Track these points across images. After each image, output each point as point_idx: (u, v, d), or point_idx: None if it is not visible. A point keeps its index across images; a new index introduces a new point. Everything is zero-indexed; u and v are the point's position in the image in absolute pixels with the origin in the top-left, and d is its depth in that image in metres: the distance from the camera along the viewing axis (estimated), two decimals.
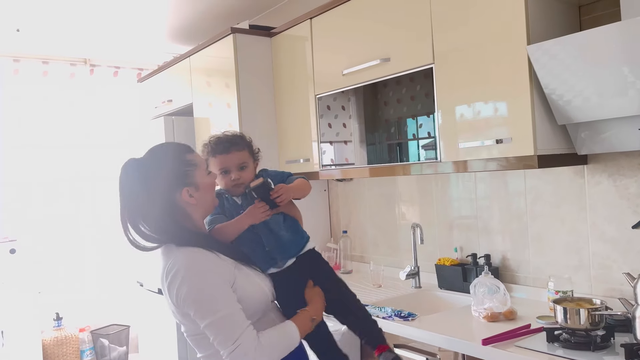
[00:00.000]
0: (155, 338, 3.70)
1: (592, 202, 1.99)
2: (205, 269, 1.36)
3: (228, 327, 1.33)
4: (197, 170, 1.47)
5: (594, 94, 1.66)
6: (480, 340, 1.66)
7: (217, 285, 1.36)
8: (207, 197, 1.49)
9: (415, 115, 2.56)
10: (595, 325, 1.55)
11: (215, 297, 1.34)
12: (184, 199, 1.43)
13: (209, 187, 1.50)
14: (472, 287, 1.97)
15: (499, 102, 1.87)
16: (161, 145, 1.54)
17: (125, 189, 1.43)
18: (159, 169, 1.44)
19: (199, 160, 1.50)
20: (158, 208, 1.41)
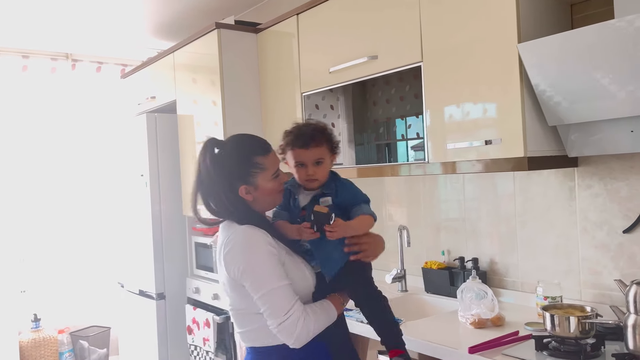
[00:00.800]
0: (136, 340, 3.61)
1: (583, 206, 1.94)
2: (260, 244, 1.45)
3: (281, 298, 1.42)
4: (263, 174, 1.52)
5: (585, 94, 1.61)
6: (466, 348, 1.60)
7: (271, 261, 1.44)
8: (265, 199, 1.55)
9: (404, 115, 2.53)
10: (586, 334, 1.50)
11: (270, 271, 1.43)
12: (242, 195, 1.50)
13: (270, 191, 1.54)
14: (460, 292, 1.91)
15: (489, 102, 1.81)
16: (242, 137, 1.59)
17: (202, 165, 1.51)
18: (229, 160, 1.51)
19: (268, 164, 1.53)
20: (223, 191, 1.49)
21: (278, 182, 1.57)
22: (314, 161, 1.58)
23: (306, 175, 1.59)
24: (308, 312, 1.45)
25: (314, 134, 1.60)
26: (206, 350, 2.99)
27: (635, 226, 1.80)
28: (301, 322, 1.42)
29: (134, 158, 3.45)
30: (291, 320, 1.41)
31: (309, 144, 1.58)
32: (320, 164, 1.60)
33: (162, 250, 3.29)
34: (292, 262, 1.52)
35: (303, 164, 1.58)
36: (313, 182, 1.60)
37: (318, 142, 1.60)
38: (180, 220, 3.33)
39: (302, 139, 1.59)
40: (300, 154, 1.58)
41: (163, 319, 3.29)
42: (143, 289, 3.41)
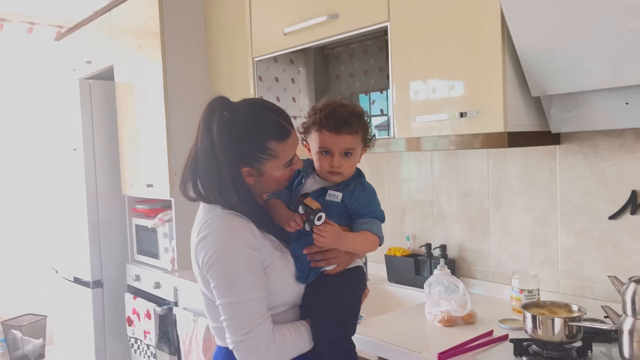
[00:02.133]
0: (71, 330, 3.28)
1: (564, 188, 1.74)
2: (241, 241, 1.19)
3: (245, 314, 1.18)
4: (273, 161, 1.24)
5: (576, 59, 1.38)
6: (434, 353, 1.38)
7: (248, 265, 1.19)
8: (268, 185, 1.29)
9: (367, 91, 2.36)
10: (572, 337, 1.30)
11: (242, 277, 1.18)
12: (243, 175, 1.24)
13: (276, 179, 1.28)
14: (427, 286, 1.69)
15: (465, 69, 1.56)
16: (261, 107, 1.27)
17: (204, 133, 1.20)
18: (240, 131, 1.21)
19: (283, 153, 1.24)
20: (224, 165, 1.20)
21: (289, 170, 1.29)
22: (343, 150, 1.30)
23: (330, 165, 1.30)
24: (275, 337, 1.20)
25: (350, 117, 1.31)
26: (147, 344, 2.71)
27: (623, 212, 1.60)
28: (262, 349, 1.17)
29: (66, 130, 3.07)
30: (250, 344, 1.17)
31: (341, 128, 1.29)
32: (350, 155, 1.32)
33: (98, 234, 2.96)
34: (282, 262, 1.25)
35: (329, 151, 1.31)
36: (336, 176, 1.32)
37: (353, 129, 1.31)
38: (119, 201, 3.00)
39: (334, 120, 1.29)
40: (329, 139, 1.30)
41: (100, 309, 2.98)
42: (78, 275, 3.08)
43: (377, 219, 1.33)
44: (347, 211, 1.31)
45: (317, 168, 1.34)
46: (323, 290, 1.27)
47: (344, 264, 1.30)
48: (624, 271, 1.58)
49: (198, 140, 1.22)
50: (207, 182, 1.22)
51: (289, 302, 1.28)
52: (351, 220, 1.31)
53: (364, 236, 1.29)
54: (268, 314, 1.20)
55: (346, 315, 1.29)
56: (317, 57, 2.50)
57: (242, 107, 1.24)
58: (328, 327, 1.25)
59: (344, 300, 1.29)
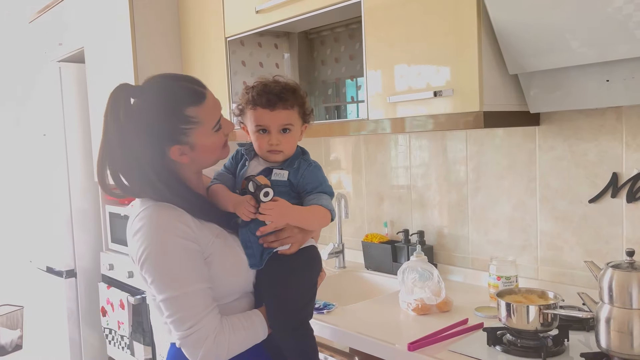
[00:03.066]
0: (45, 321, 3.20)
1: (544, 172, 1.67)
2: (173, 232, 1.11)
3: (188, 307, 1.10)
4: (199, 129, 1.16)
5: (555, 32, 1.31)
6: (406, 344, 1.31)
7: (184, 256, 1.11)
8: (205, 158, 1.21)
9: (354, 76, 2.29)
10: (548, 326, 1.24)
11: (179, 270, 1.10)
12: (174, 157, 1.16)
13: (211, 148, 1.20)
14: (401, 273, 1.62)
15: (439, 45, 1.48)
16: (164, 80, 1.18)
17: (111, 124, 1.12)
18: (150, 113, 1.13)
19: (205, 116, 1.16)
20: (142, 157, 1.13)
21: (221, 134, 1.21)
22: (280, 127, 1.23)
23: (269, 144, 1.24)
24: (224, 328, 1.12)
25: (283, 92, 1.24)
26: (121, 335, 2.64)
27: (603, 195, 1.54)
28: (209, 342, 1.10)
29: (36, 115, 2.97)
30: (196, 338, 1.09)
31: (275, 103, 1.22)
32: (288, 132, 1.25)
33: (70, 222, 2.86)
34: (225, 249, 1.18)
35: (265, 129, 1.24)
36: (276, 154, 1.25)
37: (288, 104, 1.24)
38: (93, 188, 2.90)
39: (267, 97, 1.22)
40: (263, 116, 1.23)
41: (74, 299, 2.90)
42: (51, 265, 2.99)
43: (326, 193, 1.27)
44: (295, 189, 1.24)
45: (257, 148, 1.27)
46: (277, 273, 1.21)
47: (297, 242, 1.23)
48: (604, 256, 1.52)
49: (109, 136, 1.13)
50: (129, 176, 1.15)
51: (238, 290, 1.20)
52: (300, 199, 1.25)
53: (313, 210, 1.22)
54: (213, 304, 1.13)
55: (303, 299, 1.22)
56: (301, 41, 2.42)
57: (147, 87, 1.17)
58: (284, 312, 1.19)
59: (299, 282, 1.23)
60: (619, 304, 1.12)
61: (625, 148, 1.49)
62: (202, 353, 1.10)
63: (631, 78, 1.31)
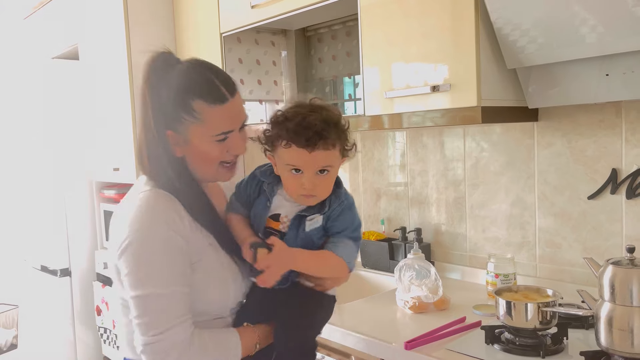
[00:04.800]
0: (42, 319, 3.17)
1: (542, 168, 1.65)
2: (164, 221, 1.01)
3: (160, 310, 0.98)
4: (197, 126, 1.03)
5: (553, 27, 1.29)
6: (402, 343, 1.29)
7: (173, 252, 1.00)
8: (197, 162, 1.08)
9: (351, 73, 2.28)
10: (546, 324, 1.22)
11: (162, 265, 0.99)
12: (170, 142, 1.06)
13: (204, 155, 1.06)
14: (397, 271, 1.60)
15: (437, 40, 1.46)
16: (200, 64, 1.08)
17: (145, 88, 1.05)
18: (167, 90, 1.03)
19: (210, 119, 1.03)
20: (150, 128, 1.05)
21: (222, 149, 1.06)
22: (317, 169, 1.04)
23: (302, 187, 1.05)
24: (193, 344, 1.00)
25: (325, 128, 1.03)
26: (116, 334, 2.61)
27: (602, 191, 1.52)
28: (175, 354, 0.97)
29: (30, 113, 2.94)
30: (159, 347, 0.97)
31: (315, 143, 1.02)
32: (326, 173, 1.05)
33: (65, 220, 2.83)
34: (214, 263, 1.06)
35: (299, 169, 1.05)
36: (309, 199, 1.07)
37: (329, 142, 1.03)
38: (87, 186, 2.87)
39: (306, 135, 1.02)
40: (300, 157, 1.03)
41: (69, 298, 2.87)
42: (45, 264, 2.96)
43: (351, 239, 1.10)
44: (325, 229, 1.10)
45: (286, 188, 1.09)
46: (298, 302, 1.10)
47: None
48: (603, 253, 1.50)
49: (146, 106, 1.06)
50: (149, 153, 1.07)
51: (213, 310, 1.08)
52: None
53: (323, 257, 1.07)
54: (188, 315, 1.01)
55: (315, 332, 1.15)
56: (298, 39, 2.41)
57: (182, 64, 1.07)
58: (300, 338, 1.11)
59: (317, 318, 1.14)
60: (619, 302, 1.10)
61: (625, 143, 1.47)
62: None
63: (631, 72, 1.29)
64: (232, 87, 1.07)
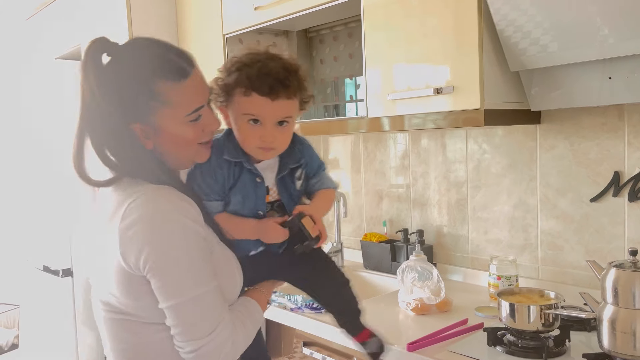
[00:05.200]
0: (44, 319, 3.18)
1: (545, 170, 1.65)
2: (185, 215, 0.91)
3: (206, 310, 0.92)
4: (166, 110, 0.93)
5: (557, 29, 1.29)
6: (405, 344, 1.30)
7: (200, 246, 0.92)
8: (172, 150, 0.97)
9: (352, 75, 2.27)
10: (549, 326, 1.22)
11: (195, 267, 0.91)
12: (140, 137, 0.95)
13: (179, 139, 0.96)
14: (400, 272, 1.61)
15: (440, 42, 1.47)
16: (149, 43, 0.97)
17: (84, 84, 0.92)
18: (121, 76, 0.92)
19: (178, 98, 0.94)
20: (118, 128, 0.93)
21: (197, 128, 0.98)
22: (277, 119, 1.01)
23: (261, 139, 1.01)
24: (236, 326, 0.97)
25: (287, 77, 1.00)
26: None
27: (605, 194, 1.52)
28: (229, 345, 0.94)
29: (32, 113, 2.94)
30: (217, 344, 0.92)
31: (278, 91, 0.98)
32: (285, 125, 1.03)
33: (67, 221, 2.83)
34: (222, 254, 1.02)
35: (258, 120, 1.01)
36: (268, 152, 1.04)
37: (291, 92, 1.01)
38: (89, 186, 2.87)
39: (268, 82, 0.98)
40: (261, 106, 0.99)
41: (70, 298, 2.87)
42: (47, 264, 2.96)
43: (324, 170, 1.18)
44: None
45: (242, 141, 1.04)
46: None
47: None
48: (605, 256, 1.50)
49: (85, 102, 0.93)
50: (116, 151, 0.94)
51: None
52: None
53: (327, 196, 1.16)
54: (226, 305, 0.98)
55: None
56: (300, 40, 2.41)
57: (125, 46, 0.96)
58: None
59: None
60: (622, 304, 1.10)
61: (627, 146, 1.48)
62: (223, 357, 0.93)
63: (634, 75, 1.30)
64: (190, 59, 0.98)
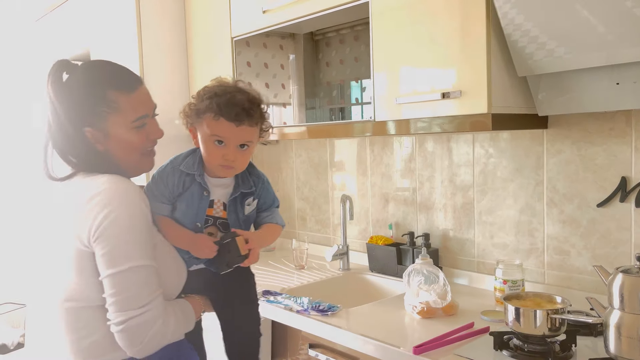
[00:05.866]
0: None
1: (551, 175, 1.66)
2: (143, 198, 1.06)
3: (142, 284, 1.01)
4: (115, 116, 1.10)
5: (565, 35, 1.30)
6: (411, 348, 1.30)
7: (148, 228, 1.06)
8: (120, 154, 1.13)
9: (359, 78, 2.29)
10: (555, 331, 1.22)
11: (142, 240, 1.03)
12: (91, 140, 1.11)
13: (127, 144, 1.13)
14: (406, 276, 1.61)
15: (447, 47, 1.47)
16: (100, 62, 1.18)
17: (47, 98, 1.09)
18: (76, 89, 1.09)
19: (126, 106, 1.10)
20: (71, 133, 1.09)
21: (142, 135, 1.14)
22: (239, 143, 1.20)
23: (223, 158, 1.19)
24: (169, 312, 1.07)
25: (252, 108, 1.19)
26: None
27: (612, 199, 1.53)
28: (159, 324, 1.03)
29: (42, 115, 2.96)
30: (145, 318, 1.00)
31: (242, 119, 1.17)
32: (246, 148, 1.22)
33: None
34: (164, 247, 1.16)
35: (222, 141, 1.19)
36: (228, 170, 1.22)
37: (254, 121, 1.20)
38: None
39: (235, 110, 1.16)
40: (227, 130, 1.17)
41: None
42: None
43: (276, 207, 1.34)
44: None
45: (206, 158, 1.22)
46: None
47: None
48: (612, 261, 1.51)
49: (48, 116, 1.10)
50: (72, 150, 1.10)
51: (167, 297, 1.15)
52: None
53: (271, 230, 1.31)
54: (160, 288, 1.06)
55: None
56: (307, 43, 2.42)
57: (85, 65, 1.14)
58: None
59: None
60: (628, 310, 1.11)
61: (635, 152, 1.48)
62: (150, 336, 1.01)
63: None
64: (137, 78, 1.16)
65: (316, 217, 2.49)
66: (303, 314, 1.62)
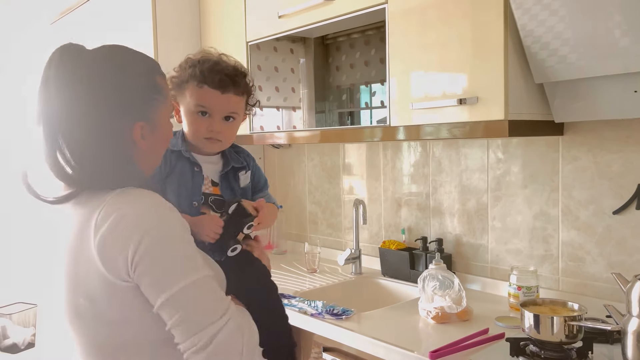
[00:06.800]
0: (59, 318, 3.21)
1: (567, 182, 1.66)
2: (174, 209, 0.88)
3: (209, 294, 0.86)
4: (164, 106, 0.95)
5: (583, 42, 1.30)
6: (427, 353, 1.30)
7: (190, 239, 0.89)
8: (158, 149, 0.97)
9: (368, 82, 2.29)
10: (572, 338, 1.22)
11: (190, 252, 0.87)
12: (135, 138, 0.91)
13: (166, 138, 0.98)
14: (421, 281, 1.61)
15: (465, 53, 1.48)
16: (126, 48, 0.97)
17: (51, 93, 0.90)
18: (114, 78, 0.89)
19: (168, 94, 0.98)
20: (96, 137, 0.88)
21: (171, 125, 1.01)
22: (225, 113, 1.13)
23: (208, 130, 1.11)
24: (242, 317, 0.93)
25: (236, 75, 1.13)
26: None
27: (628, 206, 1.52)
28: (246, 334, 0.88)
29: None
30: (230, 330, 0.85)
31: (227, 86, 1.10)
32: (232, 120, 1.15)
33: None
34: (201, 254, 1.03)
35: (207, 112, 1.11)
36: (214, 144, 1.14)
37: (239, 90, 1.13)
38: None
39: (219, 76, 1.09)
40: (211, 97, 1.10)
41: None
42: None
43: (267, 187, 1.31)
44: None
45: (190, 133, 1.11)
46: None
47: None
48: (628, 269, 1.50)
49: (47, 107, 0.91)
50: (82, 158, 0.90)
51: None
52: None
53: (271, 209, 1.23)
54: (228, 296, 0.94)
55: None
56: (317, 47, 2.43)
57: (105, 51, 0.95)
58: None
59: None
60: None
61: None
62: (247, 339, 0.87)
63: None
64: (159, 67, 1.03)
65: (328, 220, 2.50)
66: (317, 318, 1.63)
